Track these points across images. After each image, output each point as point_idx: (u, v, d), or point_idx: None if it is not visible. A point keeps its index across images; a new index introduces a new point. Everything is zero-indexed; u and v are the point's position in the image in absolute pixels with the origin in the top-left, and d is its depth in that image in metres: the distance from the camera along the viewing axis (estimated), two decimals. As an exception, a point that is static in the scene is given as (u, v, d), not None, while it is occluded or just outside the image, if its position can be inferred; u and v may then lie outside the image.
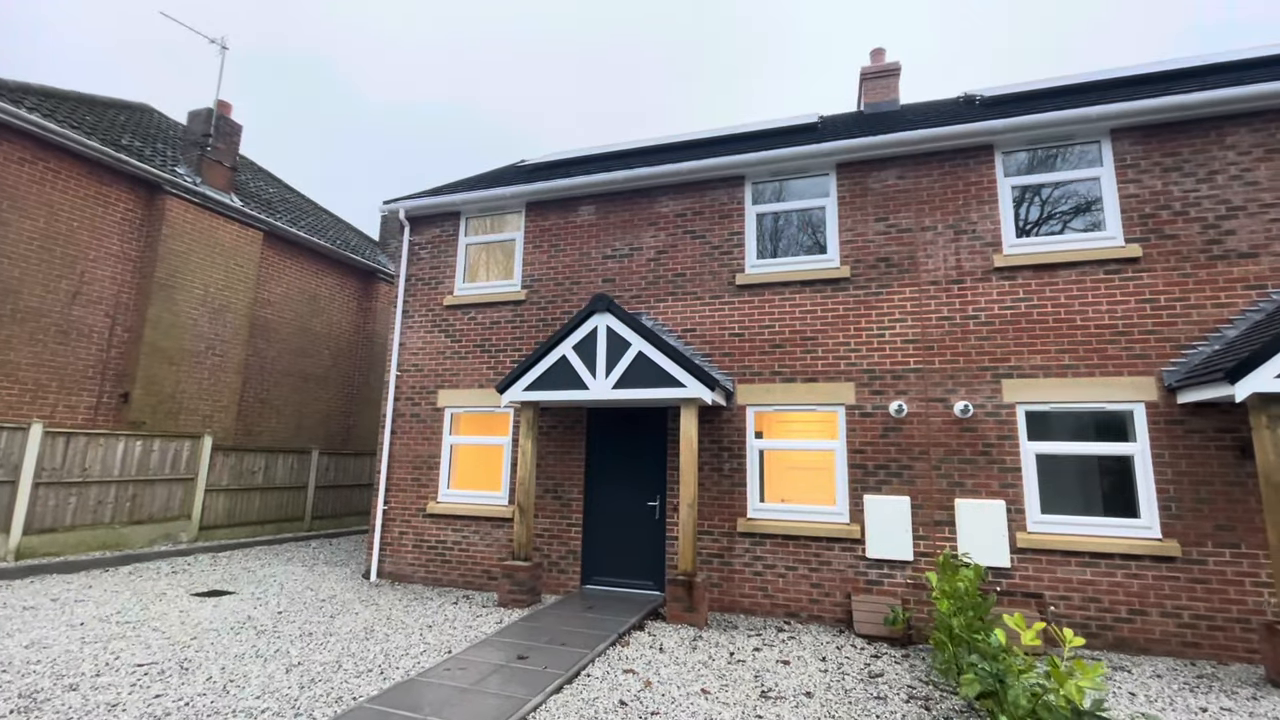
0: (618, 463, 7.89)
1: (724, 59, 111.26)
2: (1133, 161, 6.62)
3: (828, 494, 7.02)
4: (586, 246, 8.54)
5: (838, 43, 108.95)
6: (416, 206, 9.36)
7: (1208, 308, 6.14)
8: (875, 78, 10.69)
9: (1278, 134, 6.23)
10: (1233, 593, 5.65)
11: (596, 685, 4.65)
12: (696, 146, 9.20)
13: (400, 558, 8.53)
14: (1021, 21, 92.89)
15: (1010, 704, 3.23)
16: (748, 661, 5.29)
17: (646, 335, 6.87)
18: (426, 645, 5.55)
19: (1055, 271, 6.62)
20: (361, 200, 51.07)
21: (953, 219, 7.06)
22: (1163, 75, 7.71)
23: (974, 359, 6.70)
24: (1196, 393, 5.71)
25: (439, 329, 9.04)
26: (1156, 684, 4.96)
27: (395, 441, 8.91)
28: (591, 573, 7.73)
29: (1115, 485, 6.20)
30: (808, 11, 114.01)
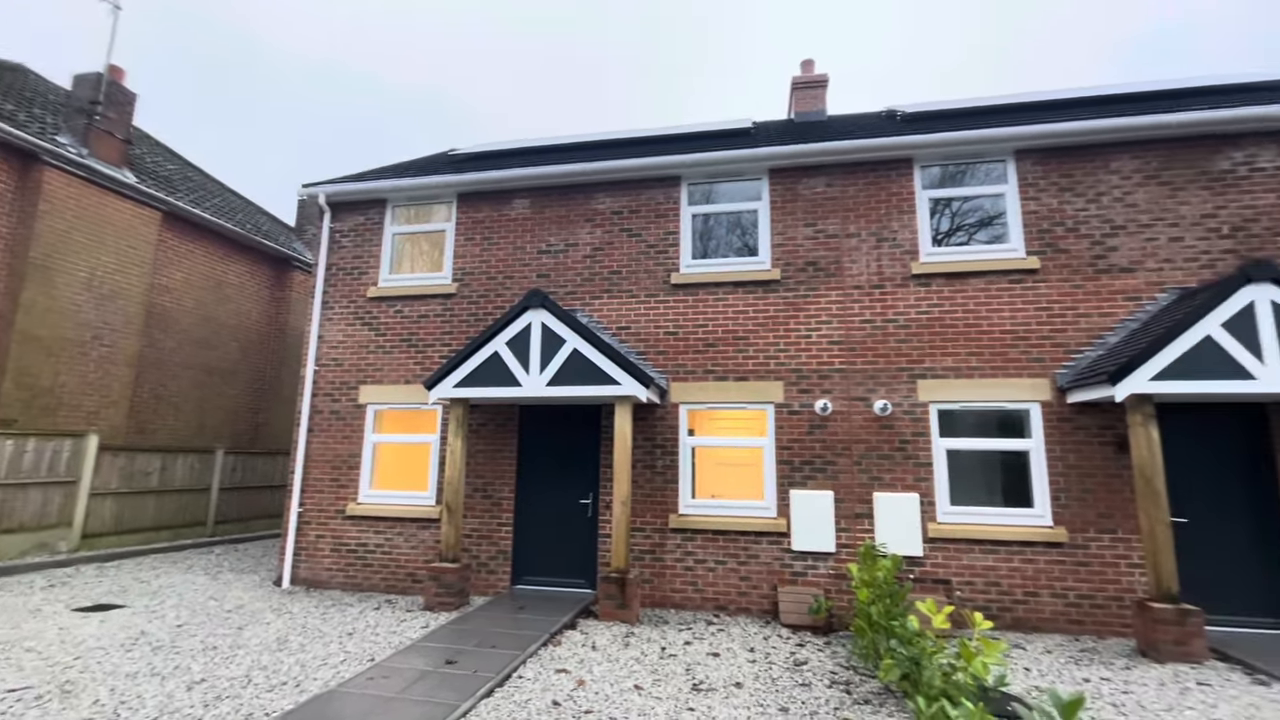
0: (550, 461, 7.79)
1: (675, 57, 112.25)
2: (1033, 180, 7.19)
3: (757, 489, 7.22)
4: (521, 241, 8.37)
5: (776, 45, 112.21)
6: (339, 192, 8.86)
7: (1094, 316, 6.77)
8: (805, 88, 11.07)
9: (1154, 162, 6.95)
10: (1111, 574, 6.27)
11: (529, 686, 4.58)
12: (633, 145, 9.22)
13: (317, 562, 8.07)
14: (947, 41, 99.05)
15: (925, 684, 3.44)
16: (679, 655, 5.37)
17: (582, 332, 6.83)
18: (347, 654, 5.28)
19: (966, 280, 7.10)
20: (287, 186, 47.49)
21: (875, 227, 7.43)
22: (1066, 102, 8.40)
23: (893, 360, 7.08)
24: (1084, 393, 6.29)
25: (362, 322, 8.61)
26: (1047, 659, 5.44)
27: (312, 440, 8.41)
28: (523, 573, 7.61)
29: (1013, 478, 6.74)
30: (752, 14, 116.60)
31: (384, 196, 8.85)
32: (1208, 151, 6.84)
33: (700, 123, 9.88)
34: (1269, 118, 6.60)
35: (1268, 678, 4.91)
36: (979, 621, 3.71)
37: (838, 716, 4.14)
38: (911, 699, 3.44)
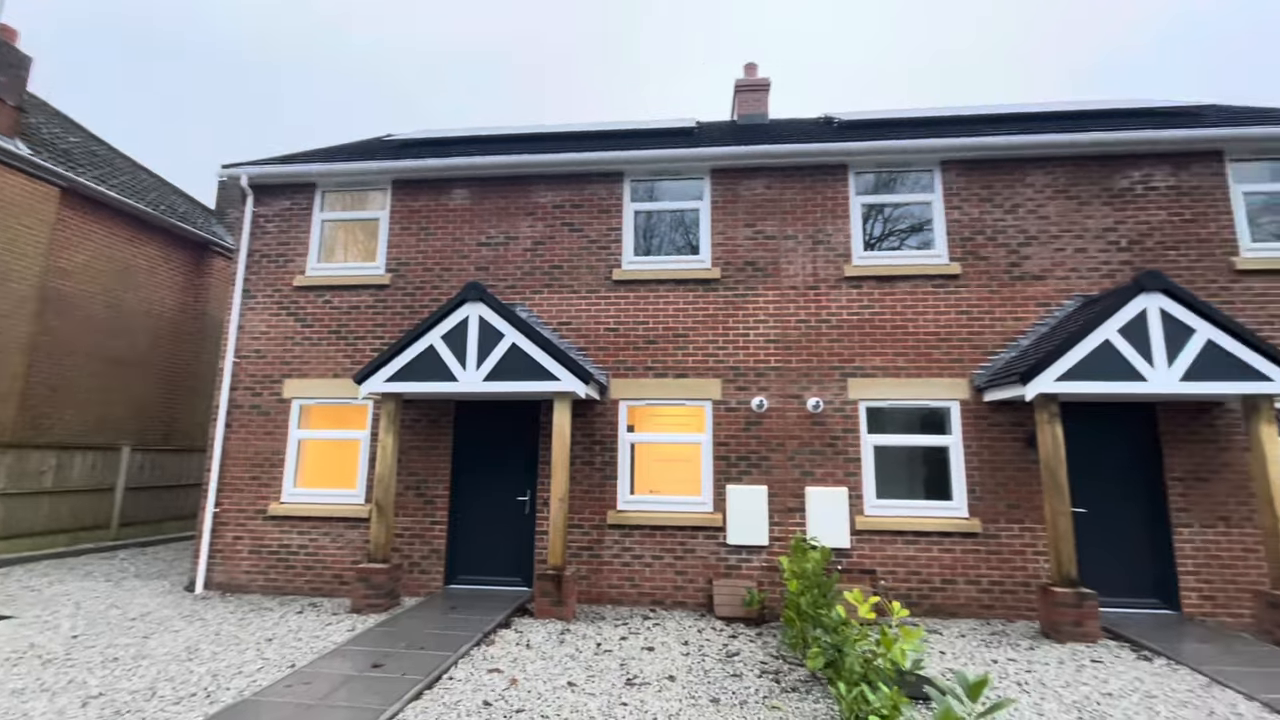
0: (487, 457, 7.65)
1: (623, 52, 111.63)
2: (957, 190, 7.59)
3: (694, 485, 7.32)
4: (460, 232, 8.16)
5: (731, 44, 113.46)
6: (263, 174, 8.38)
7: (1008, 320, 7.21)
8: (748, 90, 11.27)
9: (1063, 178, 7.46)
10: (1019, 561, 6.71)
11: (460, 688, 4.48)
12: (577, 139, 9.14)
13: (234, 566, 7.63)
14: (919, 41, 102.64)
15: (847, 670, 3.58)
16: (614, 651, 5.38)
17: (521, 327, 6.72)
18: (265, 661, 5.02)
19: (894, 283, 7.42)
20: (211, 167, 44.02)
21: (811, 229, 7.66)
22: (991, 117, 8.89)
23: (825, 359, 7.33)
24: (998, 392, 6.69)
25: (287, 312, 8.18)
26: (961, 642, 5.77)
27: (231, 436, 7.94)
28: (457, 572, 7.44)
29: (934, 472, 7.10)
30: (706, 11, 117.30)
31: (313, 181, 8.43)
32: (1110, 170, 7.40)
33: (644, 120, 9.91)
34: (1162, 141, 7.20)
35: (1151, 654, 5.38)
36: (898, 610, 3.89)
37: (766, 705, 4.25)
38: (834, 685, 3.57)
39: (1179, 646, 5.47)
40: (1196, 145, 7.23)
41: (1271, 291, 6.92)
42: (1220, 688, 4.63)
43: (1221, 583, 6.46)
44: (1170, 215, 7.22)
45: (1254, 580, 6.39)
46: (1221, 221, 7.15)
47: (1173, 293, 6.01)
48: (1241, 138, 7.11)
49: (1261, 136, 7.06)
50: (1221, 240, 7.11)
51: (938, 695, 2.35)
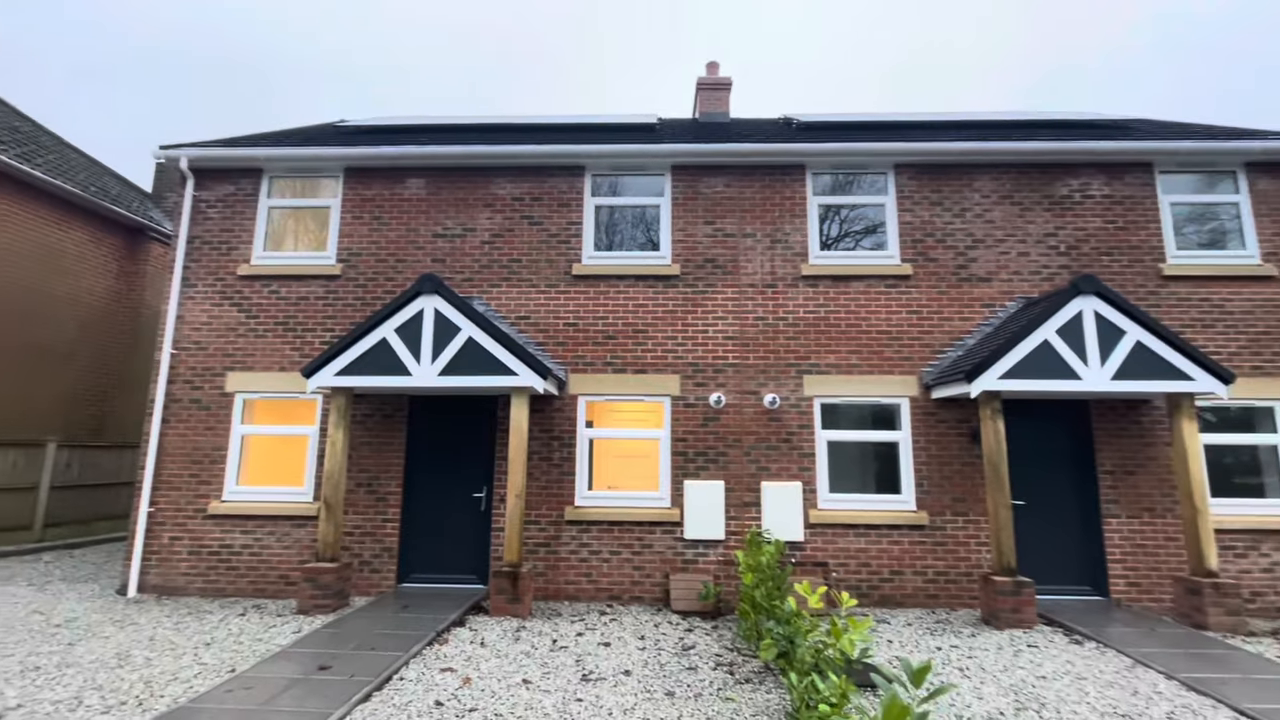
0: (442, 453, 7.50)
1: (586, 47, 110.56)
2: (909, 194, 7.81)
3: (652, 480, 7.35)
4: (415, 222, 7.96)
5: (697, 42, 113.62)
6: (206, 157, 7.99)
7: (956, 320, 7.47)
8: (710, 89, 11.33)
9: (1008, 184, 7.77)
10: (963, 552, 6.98)
11: (410, 688, 4.38)
12: (537, 131, 9.03)
13: (171, 567, 7.27)
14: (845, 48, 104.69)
15: (799, 661, 3.65)
16: (570, 647, 5.36)
17: (478, 320, 6.60)
18: (203, 666, 4.81)
19: (849, 282, 7.59)
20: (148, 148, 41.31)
21: (770, 228, 7.76)
22: (943, 124, 9.17)
23: (782, 356, 7.45)
24: (945, 390, 6.93)
25: (230, 302, 7.83)
26: (908, 631, 5.96)
27: (168, 431, 7.55)
28: (410, 570, 7.27)
29: (885, 467, 7.31)
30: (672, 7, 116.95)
31: (260, 166, 8.08)
32: (1051, 178, 7.74)
33: (606, 114, 9.86)
34: (1098, 152, 7.57)
35: (1082, 638, 5.68)
36: (847, 601, 3.99)
37: (721, 697, 4.30)
38: (786, 676, 3.65)
39: (1107, 630, 5.79)
40: (1129, 157, 7.63)
41: (1194, 296, 7.37)
42: (1144, 668, 4.92)
43: (1146, 569, 6.87)
44: (1105, 223, 7.61)
45: (1174, 567, 6.81)
46: (1150, 230, 7.57)
47: (1106, 296, 6.34)
48: (1169, 151, 7.54)
49: (1188, 150, 7.50)
50: (1150, 247, 7.53)
51: (884, 683, 2.43)
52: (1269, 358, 7.20)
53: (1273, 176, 7.62)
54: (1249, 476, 7.11)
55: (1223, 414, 7.19)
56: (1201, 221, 7.72)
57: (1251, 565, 6.79)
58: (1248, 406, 7.16)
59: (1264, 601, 6.71)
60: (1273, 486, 7.04)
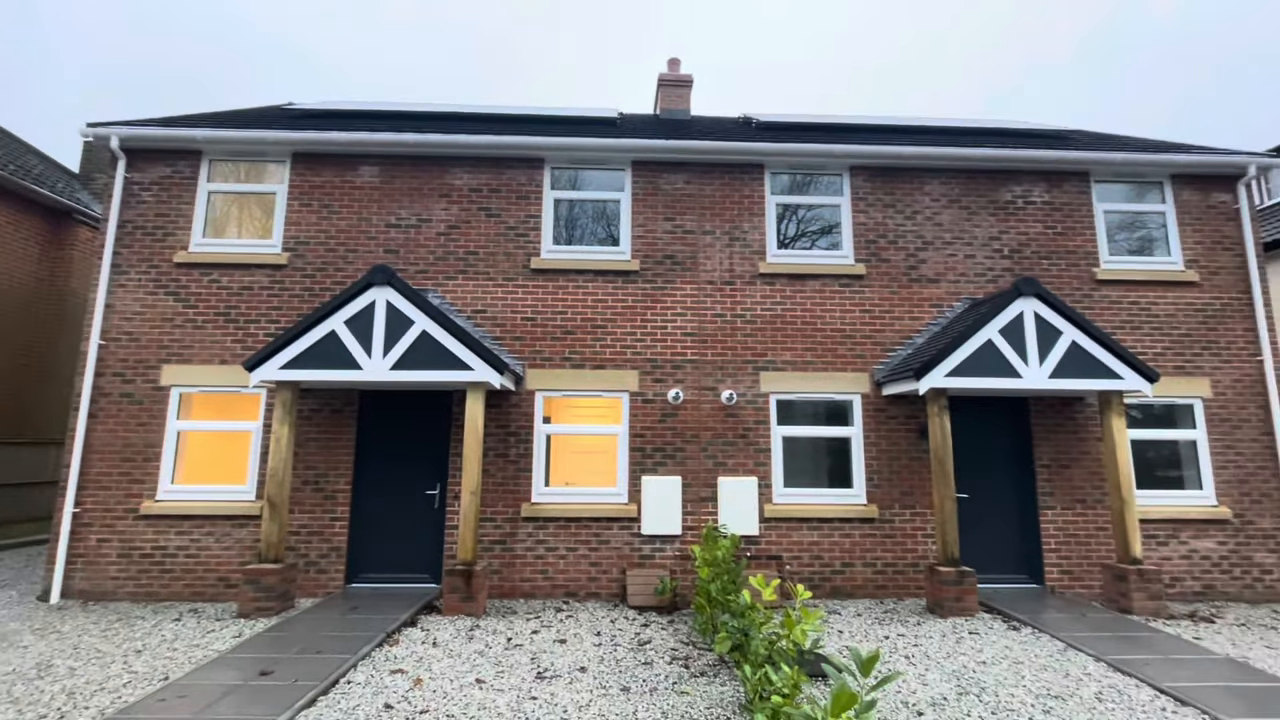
0: (394, 449, 7.30)
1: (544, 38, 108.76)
2: (864, 195, 8.00)
3: (610, 476, 7.33)
4: (367, 211, 7.70)
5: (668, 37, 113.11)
6: (139, 136, 7.53)
7: (905, 320, 7.70)
8: (671, 85, 11.35)
9: (956, 189, 8.04)
10: (910, 544, 7.21)
11: (359, 691, 4.25)
12: (495, 121, 8.86)
13: (99, 571, 6.86)
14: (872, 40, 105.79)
15: (753, 653, 3.70)
16: (525, 645, 5.30)
17: (432, 314, 6.44)
18: (134, 674, 4.55)
19: (805, 281, 7.73)
20: None
21: (729, 226, 7.83)
22: (898, 128, 9.42)
23: (739, 353, 7.53)
24: (895, 387, 7.14)
25: (166, 291, 7.42)
26: (857, 621, 6.13)
27: (96, 427, 7.11)
28: (360, 570, 7.06)
29: (837, 462, 7.49)
30: None
31: (199, 148, 7.67)
32: (996, 184, 8.06)
33: (567, 107, 9.76)
34: (1039, 160, 7.91)
35: (1019, 624, 5.95)
36: (801, 592, 4.07)
37: (676, 690, 4.33)
38: (740, 668, 3.69)
39: (1042, 616, 6.08)
40: (1067, 166, 8.00)
41: (1124, 300, 7.80)
42: (1075, 651, 5.19)
43: (1078, 558, 7.25)
44: (1045, 228, 7.97)
45: (1103, 555, 7.20)
46: (1086, 236, 7.97)
47: (1045, 298, 6.64)
48: (1104, 161, 7.94)
49: (1120, 162, 7.91)
50: (1085, 253, 7.92)
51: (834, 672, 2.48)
52: (1189, 358, 7.68)
53: (1195, 188, 8.12)
54: (1170, 470, 7.58)
55: (1148, 411, 7.64)
56: (1132, 229, 8.17)
57: (1171, 553, 7.25)
58: (1170, 404, 7.63)
59: (1182, 586, 7.17)
60: (1191, 479, 7.52)
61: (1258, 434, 7.53)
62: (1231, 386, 7.63)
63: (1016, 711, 4.06)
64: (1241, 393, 7.62)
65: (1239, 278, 7.89)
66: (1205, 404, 7.59)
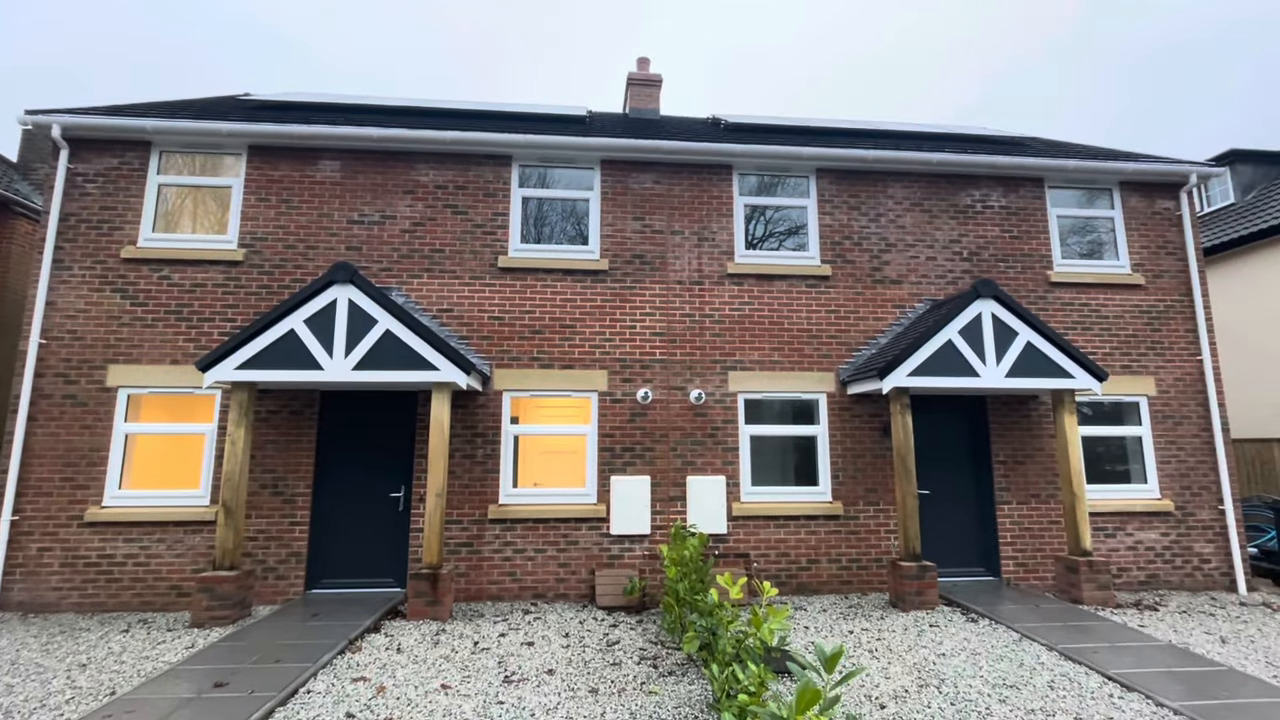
0: (357, 451, 7.13)
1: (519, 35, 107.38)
2: (829, 197, 8.13)
3: (578, 476, 7.30)
4: (328, 207, 7.50)
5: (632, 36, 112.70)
6: (83, 125, 7.19)
7: (870, 320, 7.86)
8: (640, 85, 11.33)
9: (919, 192, 8.23)
10: (873, 540, 7.37)
11: (319, 701, 4.14)
12: (462, 117, 8.72)
13: (40, 581, 6.54)
14: None
15: (720, 652, 3.73)
16: (492, 649, 5.24)
17: (396, 312, 6.31)
18: (76, 690, 4.34)
19: (772, 281, 7.82)
20: None
21: (697, 226, 7.87)
22: (864, 131, 9.58)
23: (708, 352, 7.58)
24: (859, 386, 7.28)
25: (113, 288, 7.10)
26: (823, 616, 6.23)
27: (36, 430, 6.77)
28: (320, 575, 6.88)
29: (803, 460, 7.60)
30: None
31: (148, 138, 7.35)
32: (956, 188, 8.27)
33: (535, 103, 9.65)
34: (997, 166, 8.15)
35: (977, 616, 6.13)
36: (768, 590, 4.12)
37: (644, 690, 4.33)
38: (708, 667, 3.71)
39: (998, 608, 6.28)
40: (1023, 172, 8.27)
41: (1076, 301, 8.10)
42: (1029, 641, 5.37)
43: (1032, 551, 7.50)
44: (1002, 231, 8.22)
45: (1056, 548, 7.48)
46: (1040, 239, 8.25)
47: (1002, 300, 6.85)
48: (1057, 168, 8.23)
49: (1072, 169, 8.21)
50: (1040, 256, 8.20)
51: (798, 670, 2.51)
52: (1136, 358, 8.02)
53: (1141, 195, 8.48)
54: (1117, 464, 7.91)
55: (1097, 408, 7.95)
56: (1083, 234, 8.49)
57: (1119, 544, 7.57)
58: (1118, 402, 7.96)
59: (1129, 576, 7.49)
60: (1136, 473, 7.86)
61: (1198, 430, 7.91)
62: (1174, 385, 7.99)
63: (974, 701, 4.18)
64: (1183, 390, 7.99)
65: (1181, 281, 8.27)
66: (1150, 401, 7.94)
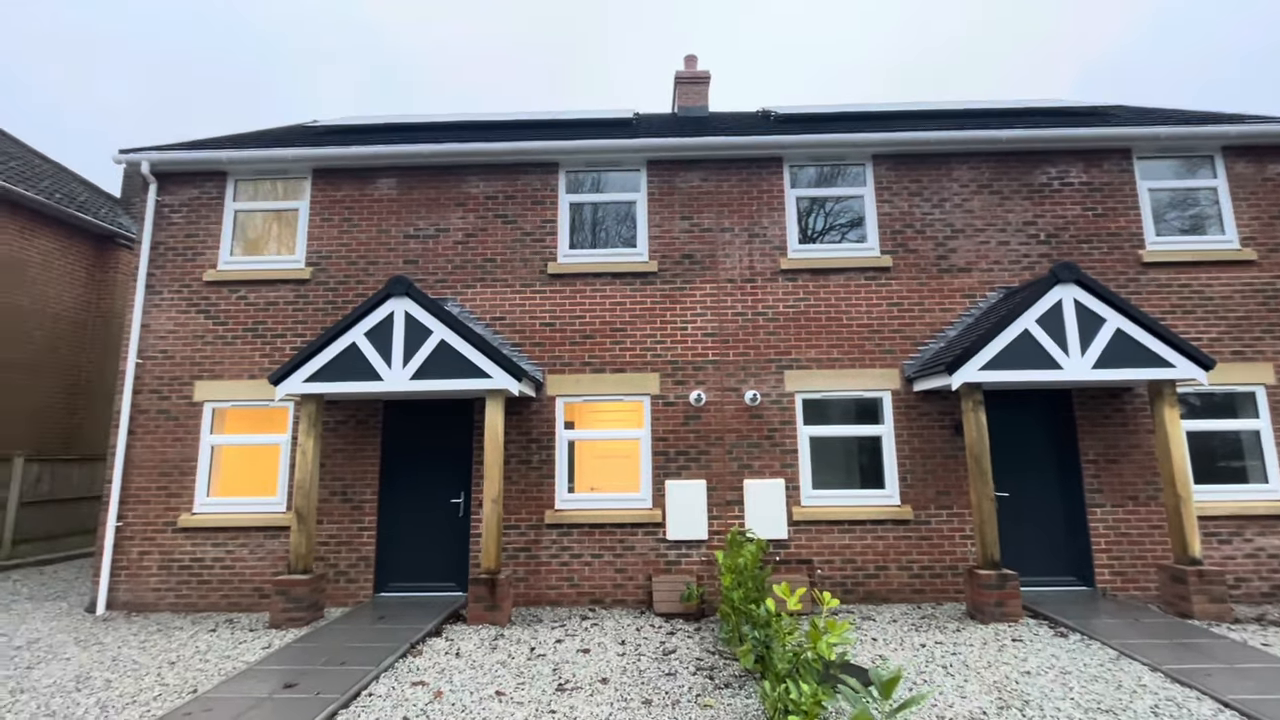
0: (418, 459, 7.34)
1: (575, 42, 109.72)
2: (888, 184, 7.71)
3: (633, 481, 7.22)
4: (386, 223, 7.78)
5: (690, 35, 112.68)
6: (168, 161, 7.77)
7: (936, 311, 7.39)
8: (688, 83, 11.20)
9: (987, 173, 7.69)
10: (947, 546, 6.91)
11: (379, 704, 4.24)
12: (511, 128, 8.86)
13: (141, 583, 7.08)
14: None
15: (774, 666, 3.54)
16: (548, 655, 5.23)
17: (449, 322, 6.44)
18: (165, 687, 4.64)
19: (828, 276, 7.49)
20: None
21: (748, 223, 7.65)
22: (922, 113, 9.08)
23: (762, 352, 7.34)
24: (926, 382, 6.85)
25: (197, 309, 7.62)
26: (892, 627, 5.88)
27: (135, 443, 7.35)
28: (387, 579, 7.11)
29: (868, 461, 7.23)
30: None
31: (224, 169, 7.87)
32: (1029, 166, 7.67)
33: (582, 110, 9.69)
34: (1076, 139, 7.50)
35: (1068, 630, 5.61)
36: (828, 601, 3.89)
37: (699, 703, 4.19)
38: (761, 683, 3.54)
39: (1092, 622, 5.73)
40: (1107, 144, 7.57)
41: (1174, 282, 7.33)
42: (1128, 660, 4.86)
43: (1131, 558, 6.82)
44: (1084, 210, 7.55)
45: (1159, 555, 6.77)
46: (1130, 216, 7.52)
47: (1085, 284, 6.27)
48: (1148, 136, 7.49)
49: (1166, 135, 7.44)
50: (1130, 234, 7.48)
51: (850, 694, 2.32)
52: (1249, 342, 7.17)
53: (1249, 160, 7.58)
54: (1232, 462, 7.09)
55: (1205, 400, 7.15)
56: (1182, 207, 7.68)
57: (1235, 551, 6.77)
58: (1230, 392, 7.13)
59: (1248, 587, 6.69)
60: (1255, 471, 7.02)
61: (1329, 422, 6.98)
62: (1298, 371, 7.09)
63: (1063, 727, 3.79)
64: (1309, 378, 7.07)
65: (1302, 254, 7.33)
66: (1269, 391, 7.07)
